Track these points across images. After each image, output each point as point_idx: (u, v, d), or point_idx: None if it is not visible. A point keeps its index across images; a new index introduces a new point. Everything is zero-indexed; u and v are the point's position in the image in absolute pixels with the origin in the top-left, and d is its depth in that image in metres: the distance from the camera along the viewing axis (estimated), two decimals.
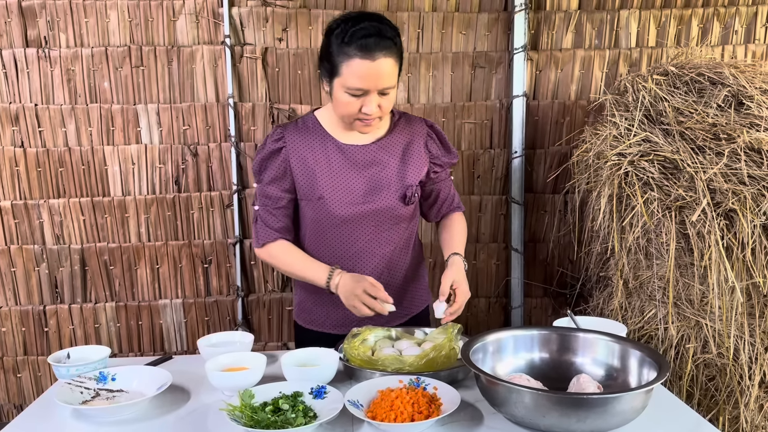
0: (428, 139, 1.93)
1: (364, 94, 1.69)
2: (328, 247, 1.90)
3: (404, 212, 1.90)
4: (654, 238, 2.04)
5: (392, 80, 1.70)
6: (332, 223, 1.85)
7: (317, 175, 1.82)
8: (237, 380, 1.51)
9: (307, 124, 1.88)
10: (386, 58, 1.65)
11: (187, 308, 2.81)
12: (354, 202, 1.84)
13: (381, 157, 1.87)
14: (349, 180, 1.84)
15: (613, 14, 2.73)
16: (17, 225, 2.72)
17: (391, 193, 1.85)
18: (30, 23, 2.64)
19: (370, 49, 1.63)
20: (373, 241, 1.89)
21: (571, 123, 2.78)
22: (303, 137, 1.85)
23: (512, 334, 1.59)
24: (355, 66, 1.64)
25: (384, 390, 1.44)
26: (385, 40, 1.65)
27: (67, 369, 1.62)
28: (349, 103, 1.70)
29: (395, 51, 1.68)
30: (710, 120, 2.03)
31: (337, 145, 1.85)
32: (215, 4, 2.66)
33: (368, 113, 1.71)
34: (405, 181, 1.87)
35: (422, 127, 1.94)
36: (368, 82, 1.66)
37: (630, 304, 2.20)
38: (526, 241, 2.84)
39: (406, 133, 1.91)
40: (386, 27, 1.67)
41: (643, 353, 1.45)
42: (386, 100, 1.72)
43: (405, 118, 1.94)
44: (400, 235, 1.94)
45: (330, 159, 1.84)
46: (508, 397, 1.29)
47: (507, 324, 2.90)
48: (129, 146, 2.71)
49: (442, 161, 1.96)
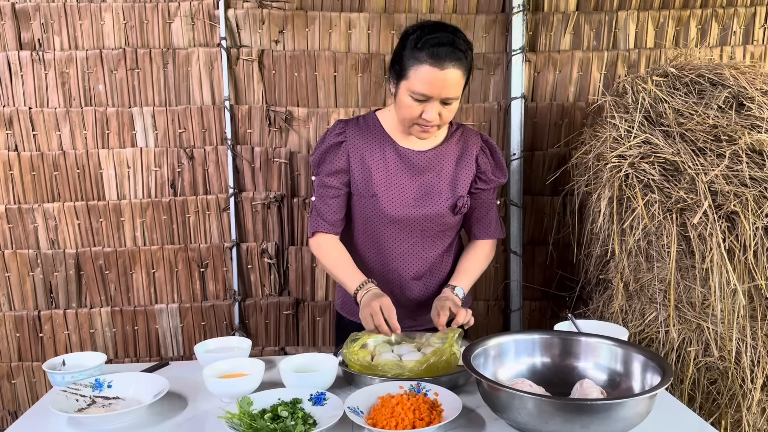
0: (480, 153, 1.95)
1: (426, 101, 1.72)
2: (376, 245, 1.95)
3: (452, 221, 1.95)
4: (655, 240, 2.03)
5: (457, 91, 1.73)
6: (382, 222, 1.91)
7: (373, 172, 1.89)
8: (235, 387, 1.50)
9: (368, 122, 1.95)
10: (455, 69, 1.69)
11: (183, 313, 2.79)
12: (406, 204, 1.89)
13: (436, 164, 1.92)
14: (403, 182, 1.90)
15: (611, 15, 2.72)
16: (11, 229, 2.69)
17: (442, 201, 1.90)
18: (24, 26, 2.61)
19: (440, 58, 1.67)
20: (419, 245, 1.94)
21: (569, 125, 2.77)
22: (363, 134, 1.92)
23: (513, 339, 1.57)
24: (423, 72, 1.68)
25: (384, 396, 1.43)
26: (457, 51, 1.68)
27: (63, 376, 1.60)
28: (411, 107, 1.74)
29: (465, 64, 1.72)
30: (711, 121, 2.02)
31: (394, 147, 1.91)
32: (211, 6, 2.64)
33: (428, 120, 1.74)
34: (456, 191, 1.92)
35: (477, 139, 1.97)
36: (433, 89, 1.70)
37: (630, 306, 2.18)
38: (525, 243, 2.83)
39: (461, 144, 1.95)
40: (460, 40, 1.71)
41: (646, 357, 1.44)
42: (447, 110, 1.76)
43: (462, 129, 1.98)
44: (445, 242, 1.99)
45: (387, 159, 1.90)
46: (511, 403, 1.28)
47: (506, 327, 2.88)
48: (124, 149, 2.69)
49: (488, 177, 1.96)
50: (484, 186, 1.97)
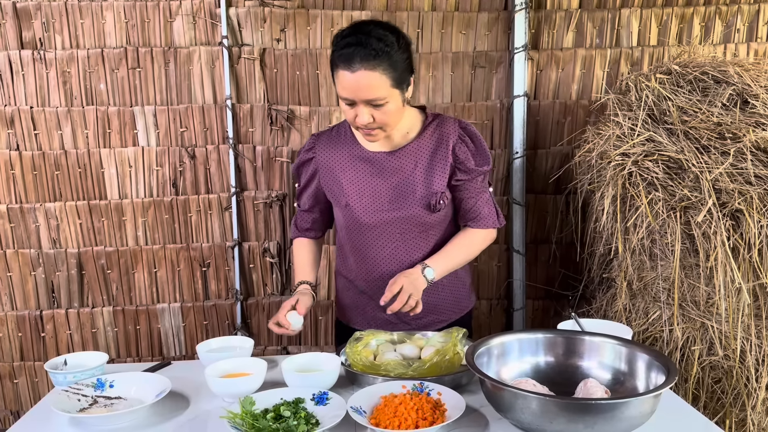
0: (458, 142, 1.84)
1: (354, 105, 1.68)
2: (360, 251, 1.93)
3: (431, 220, 1.87)
4: (658, 238, 2.02)
5: (379, 92, 1.64)
6: (360, 229, 1.89)
7: (343, 182, 1.87)
8: (237, 387, 1.49)
9: (340, 131, 1.94)
10: (367, 71, 1.61)
11: (185, 312, 2.78)
12: (379, 209, 1.85)
13: (406, 163, 1.85)
14: (375, 187, 1.86)
15: (614, 13, 2.71)
16: (13, 229, 2.69)
17: (416, 201, 1.84)
18: (25, 25, 2.60)
19: (349, 61, 1.61)
20: (401, 248, 1.89)
21: (572, 123, 2.76)
22: (333, 145, 1.91)
23: (517, 338, 1.56)
24: (339, 77, 1.66)
25: (387, 396, 1.42)
26: (367, 51, 1.60)
27: (65, 376, 1.59)
28: (346, 111, 1.72)
29: (381, 63, 1.62)
30: (715, 119, 2.01)
31: (363, 153, 1.88)
32: (212, 5, 2.63)
33: (359, 124, 1.70)
34: (431, 188, 1.83)
35: (454, 128, 1.85)
36: (351, 93, 1.65)
37: (634, 305, 2.17)
38: (528, 242, 2.82)
39: (436, 136, 1.85)
40: (373, 39, 1.62)
41: (650, 356, 1.43)
42: (380, 112, 1.68)
43: (438, 120, 1.88)
44: (430, 241, 1.91)
45: (356, 166, 1.87)
46: (515, 402, 1.27)
47: (509, 326, 2.87)
48: (126, 149, 2.68)
49: (467, 167, 1.83)
50: (465, 177, 1.85)
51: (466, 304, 2.06)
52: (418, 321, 1.94)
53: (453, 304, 2.01)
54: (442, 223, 1.92)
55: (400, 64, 1.67)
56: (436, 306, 1.97)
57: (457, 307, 2.02)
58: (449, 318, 2.00)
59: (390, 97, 1.67)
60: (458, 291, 2.02)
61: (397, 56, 1.66)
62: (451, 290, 1.99)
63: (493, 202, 1.95)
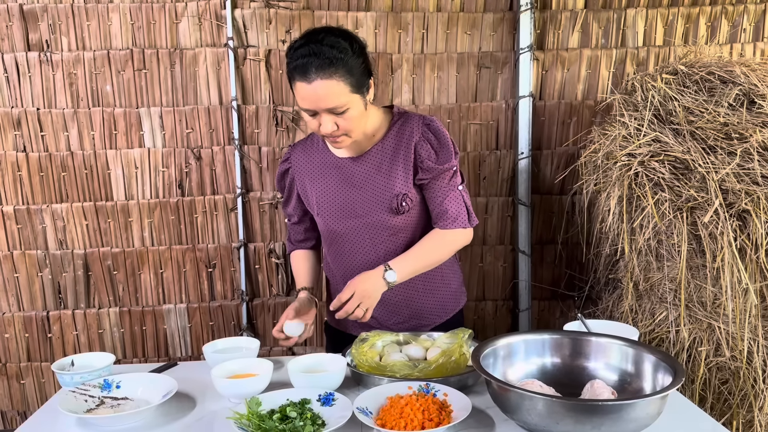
0: (420, 140, 1.80)
1: (316, 114, 1.67)
2: (338, 259, 1.95)
3: (398, 223, 1.84)
4: (665, 239, 2.01)
5: (338, 100, 1.63)
6: (333, 236, 1.91)
7: (314, 191, 1.88)
8: (243, 388, 1.49)
9: (314, 139, 1.94)
10: (323, 80, 1.60)
11: (191, 313, 2.79)
12: (347, 216, 1.85)
13: (370, 168, 1.83)
14: (342, 194, 1.85)
15: (619, 13, 2.70)
16: (20, 230, 2.70)
17: (378, 206, 1.81)
18: (32, 27, 2.62)
19: (304, 71, 1.61)
20: (372, 253, 1.87)
21: (578, 123, 2.75)
22: (306, 154, 1.93)
23: (523, 339, 1.56)
24: (297, 88, 1.65)
25: (393, 397, 1.42)
26: (320, 60, 1.59)
27: (72, 377, 1.60)
28: (310, 122, 1.70)
29: (337, 71, 1.61)
30: (721, 119, 2.00)
31: (333, 160, 1.88)
32: (218, 6, 2.63)
33: (324, 132, 1.69)
34: (392, 190, 1.80)
35: (418, 125, 1.81)
36: (311, 104, 1.64)
37: (640, 306, 2.17)
38: (533, 243, 2.81)
39: (398, 137, 1.82)
40: (326, 47, 1.60)
41: (657, 358, 1.42)
42: (343, 119, 1.67)
43: (403, 119, 1.84)
44: (402, 245, 1.87)
45: (325, 174, 1.87)
46: (521, 403, 1.27)
47: (514, 327, 2.86)
48: (132, 150, 2.69)
49: (429, 165, 1.79)
50: (428, 175, 1.80)
51: (453, 306, 2.02)
52: (399, 326, 1.93)
53: (437, 308, 1.97)
54: (411, 226, 1.87)
55: (357, 69, 1.66)
56: (419, 312, 1.95)
57: (442, 311, 1.99)
58: (433, 322, 1.97)
59: (350, 103, 1.66)
60: (442, 295, 1.98)
61: (353, 61, 1.64)
62: (435, 295, 1.96)
63: (463, 201, 1.86)
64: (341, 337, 2.03)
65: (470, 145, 2.78)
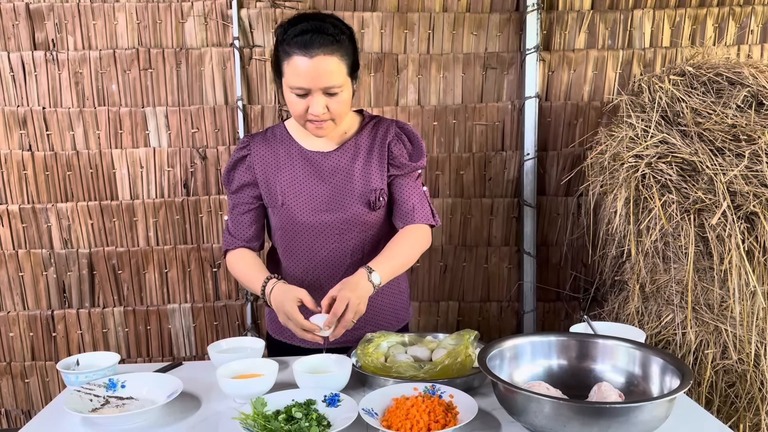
0: (394, 139, 1.81)
1: (307, 94, 1.63)
2: (297, 256, 1.84)
3: (372, 219, 1.81)
4: (672, 241, 2.01)
5: (336, 79, 1.61)
6: (297, 230, 1.81)
7: (280, 181, 1.79)
8: (249, 388, 1.48)
9: (275, 133, 1.85)
10: (326, 56, 1.58)
11: (195, 313, 2.79)
12: (317, 209, 1.78)
13: (345, 162, 1.80)
14: (313, 187, 1.79)
15: (626, 14, 2.70)
16: (25, 229, 2.70)
17: (355, 200, 1.78)
18: (38, 26, 2.62)
19: (306, 46, 1.57)
20: (339, 249, 1.82)
21: (584, 124, 2.74)
22: (268, 145, 1.83)
23: (530, 341, 1.55)
24: (293, 63, 1.59)
25: (399, 398, 1.41)
26: (324, 36, 1.58)
27: (77, 376, 1.59)
28: (297, 104, 1.65)
29: (339, 49, 1.60)
30: (729, 121, 1.99)
31: (301, 153, 1.81)
32: (224, 6, 2.63)
33: (314, 113, 1.64)
34: (369, 185, 1.79)
35: (391, 127, 1.83)
36: (308, 81, 1.60)
37: (646, 308, 2.16)
38: (539, 244, 2.81)
39: (373, 134, 1.83)
40: (329, 25, 1.60)
41: (665, 360, 1.41)
42: (335, 102, 1.64)
43: (375, 120, 1.86)
44: (369, 242, 1.84)
45: (294, 166, 1.80)
46: (528, 406, 1.26)
47: (519, 329, 2.86)
48: (137, 149, 2.69)
49: (401, 162, 1.80)
50: (397, 171, 1.81)
51: (404, 316, 1.98)
52: (350, 334, 1.71)
53: (391, 316, 1.93)
54: (379, 223, 1.84)
55: (353, 54, 1.67)
56: (373, 318, 1.88)
57: (395, 319, 1.94)
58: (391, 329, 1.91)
59: (345, 86, 1.64)
60: (396, 302, 1.94)
61: (351, 46, 1.65)
62: (390, 301, 1.92)
63: (428, 201, 1.85)
64: (287, 349, 1.91)
65: (476, 145, 2.77)
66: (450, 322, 2.88)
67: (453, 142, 2.77)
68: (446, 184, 2.79)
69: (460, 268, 2.84)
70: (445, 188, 2.79)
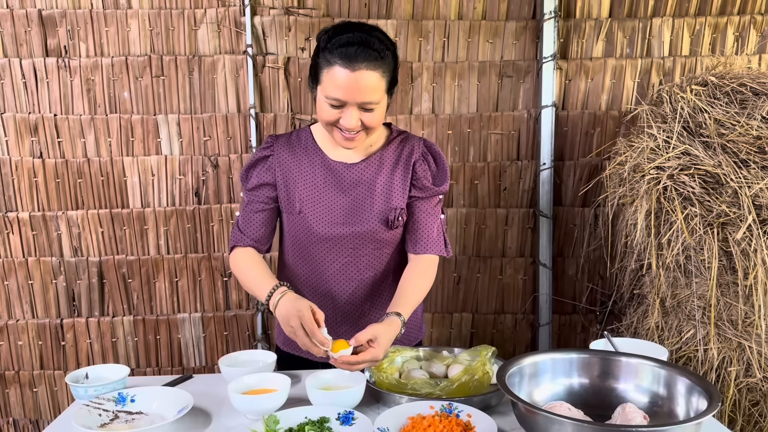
0: (420, 158, 1.77)
1: (342, 106, 1.58)
2: (307, 265, 1.81)
3: (387, 237, 1.77)
4: (694, 255, 1.95)
5: (375, 95, 1.57)
6: (310, 240, 1.76)
7: (299, 188, 1.75)
8: (261, 404, 1.45)
9: (300, 137, 1.81)
10: (369, 71, 1.54)
11: (206, 322, 2.75)
12: (334, 222, 1.74)
13: (367, 176, 1.75)
14: (332, 198, 1.75)
15: (645, 22, 2.65)
16: (35, 237, 2.68)
17: (373, 216, 1.74)
18: (50, 33, 2.60)
19: (351, 58, 1.52)
20: (351, 264, 1.78)
21: (601, 134, 2.70)
22: (292, 149, 1.78)
23: (550, 358, 1.50)
24: (333, 74, 1.54)
25: (415, 417, 1.37)
26: (369, 51, 1.53)
27: (86, 390, 1.56)
28: (328, 112, 1.60)
29: (382, 65, 1.56)
30: (754, 132, 1.94)
31: (324, 161, 1.77)
32: (237, 13, 2.61)
33: (346, 126, 1.59)
34: (390, 203, 1.74)
35: (419, 145, 1.78)
36: (346, 94, 1.55)
37: (666, 323, 2.11)
38: (555, 255, 2.76)
39: (399, 150, 1.78)
40: (375, 39, 1.56)
41: (691, 381, 1.36)
42: (369, 117, 1.60)
43: (403, 136, 1.81)
44: (383, 260, 1.80)
45: (315, 174, 1.76)
46: (550, 428, 1.21)
47: (534, 341, 2.81)
48: (149, 157, 2.66)
49: (423, 184, 1.75)
50: (419, 194, 1.76)
51: (417, 335, 1.95)
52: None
53: (404, 336, 1.83)
54: (394, 243, 1.80)
55: (394, 71, 1.62)
56: None
57: (407, 340, 1.89)
58: None
59: (381, 102, 1.61)
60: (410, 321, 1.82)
61: (393, 62, 1.61)
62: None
63: (443, 231, 1.82)
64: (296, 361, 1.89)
65: (491, 155, 2.73)
66: (463, 334, 2.84)
67: (468, 151, 2.73)
68: (460, 194, 2.75)
69: (474, 280, 2.80)
70: (460, 198, 2.75)
